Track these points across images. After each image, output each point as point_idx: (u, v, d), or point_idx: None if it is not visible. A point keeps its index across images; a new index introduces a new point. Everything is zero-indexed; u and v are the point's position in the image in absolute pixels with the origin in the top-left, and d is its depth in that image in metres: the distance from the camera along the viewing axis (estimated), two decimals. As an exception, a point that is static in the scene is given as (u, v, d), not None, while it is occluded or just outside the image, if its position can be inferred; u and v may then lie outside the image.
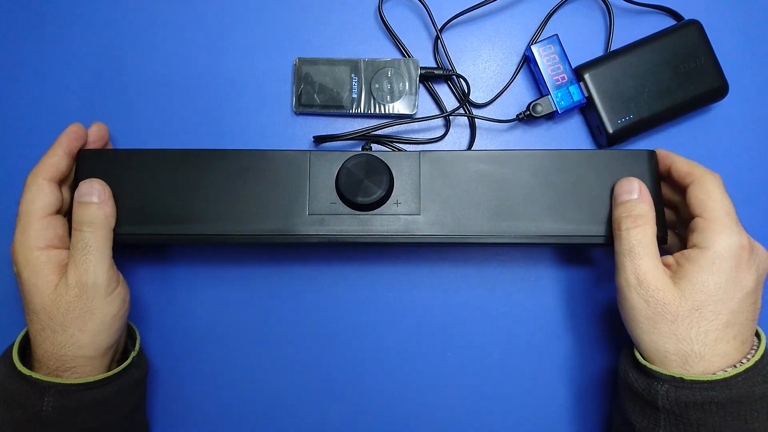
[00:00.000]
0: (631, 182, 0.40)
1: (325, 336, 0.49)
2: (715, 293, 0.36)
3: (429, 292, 0.49)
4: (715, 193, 0.39)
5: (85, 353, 0.39)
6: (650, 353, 0.38)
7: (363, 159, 0.41)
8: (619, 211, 0.40)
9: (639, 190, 0.40)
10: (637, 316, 0.38)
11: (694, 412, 0.36)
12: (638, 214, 0.39)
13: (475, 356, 0.48)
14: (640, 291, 0.38)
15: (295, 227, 0.41)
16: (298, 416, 0.48)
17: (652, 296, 0.37)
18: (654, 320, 0.37)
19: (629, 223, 0.39)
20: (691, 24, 0.48)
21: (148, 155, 0.43)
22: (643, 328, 0.38)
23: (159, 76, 0.51)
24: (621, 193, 0.40)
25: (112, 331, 0.40)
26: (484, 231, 0.41)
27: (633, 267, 0.38)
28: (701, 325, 0.36)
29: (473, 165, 0.42)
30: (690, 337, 0.36)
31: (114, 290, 0.40)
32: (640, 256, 0.38)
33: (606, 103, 0.48)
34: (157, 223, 0.42)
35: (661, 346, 0.37)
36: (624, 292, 0.38)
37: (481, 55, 0.52)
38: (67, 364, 0.39)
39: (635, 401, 0.39)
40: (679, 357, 0.37)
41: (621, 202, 0.40)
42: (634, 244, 0.38)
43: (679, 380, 0.36)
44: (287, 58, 0.51)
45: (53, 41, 0.52)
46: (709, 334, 0.36)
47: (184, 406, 0.48)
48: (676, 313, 0.37)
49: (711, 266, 0.37)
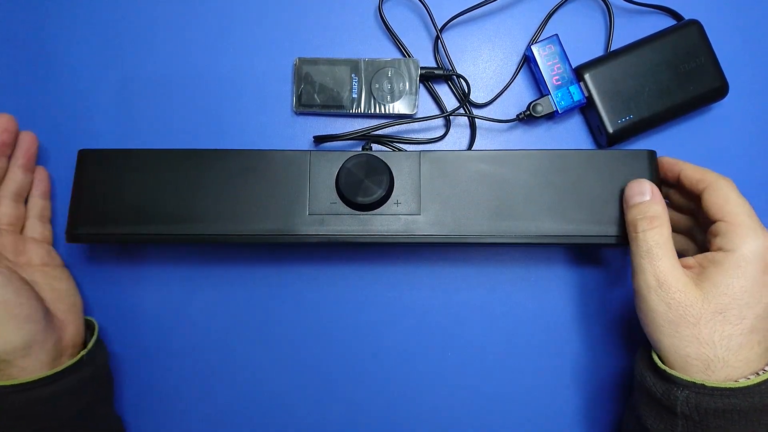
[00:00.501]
0: (642, 184, 0.40)
1: (325, 336, 0.49)
2: (740, 297, 0.35)
3: (429, 292, 0.49)
4: (733, 196, 0.38)
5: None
6: (670, 357, 0.37)
7: (363, 159, 0.41)
8: (633, 213, 0.39)
9: (651, 191, 0.39)
10: (658, 319, 0.37)
11: (714, 420, 0.35)
12: (653, 215, 0.38)
13: (475, 356, 0.48)
14: (661, 293, 0.36)
15: (296, 227, 0.41)
16: (297, 416, 0.48)
17: (673, 298, 0.36)
18: (675, 323, 0.36)
19: (645, 225, 0.38)
20: (691, 24, 0.48)
21: (148, 155, 0.43)
22: (664, 331, 0.37)
23: (159, 75, 0.51)
24: (633, 195, 0.40)
25: (19, 326, 0.38)
26: (484, 231, 0.41)
27: (652, 268, 0.37)
28: (725, 329, 0.35)
29: (473, 165, 0.42)
30: (713, 341, 0.35)
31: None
32: (659, 256, 0.37)
33: (606, 103, 0.48)
34: (157, 223, 0.42)
35: (682, 350, 0.36)
36: (643, 295, 0.37)
37: (481, 55, 0.52)
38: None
39: (651, 405, 0.38)
40: (700, 362, 0.36)
41: (634, 204, 0.40)
42: (651, 245, 0.37)
43: (700, 386, 0.35)
44: (287, 58, 0.51)
45: (53, 41, 0.52)
46: (733, 338, 0.35)
47: (184, 406, 0.48)
48: (699, 316, 0.36)
49: (737, 269, 0.36)
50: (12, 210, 0.45)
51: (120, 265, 0.49)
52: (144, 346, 0.48)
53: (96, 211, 0.42)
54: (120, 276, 0.49)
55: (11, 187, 0.45)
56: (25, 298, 0.40)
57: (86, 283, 0.48)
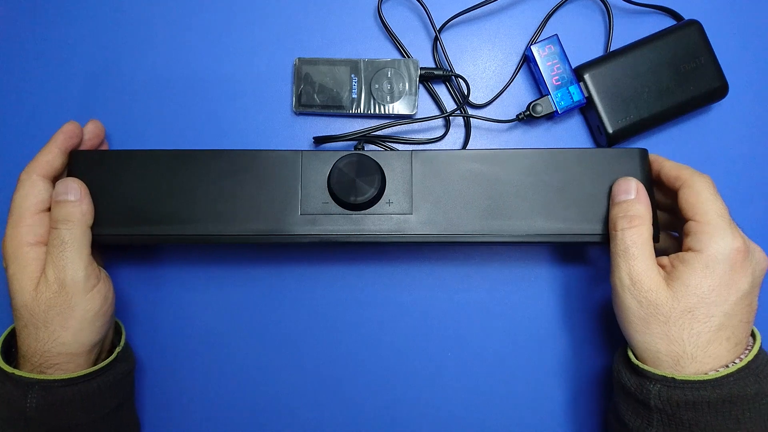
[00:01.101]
0: (629, 182, 0.40)
1: (325, 336, 0.49)
2: (708, 296, 0.36)
3: (428, 292, 0.49)
4: (705, 195, 0.38)
5: (68, 350, 0.39)
6: (642, 353, 0.38)
7: (355, 159, 0.41)
8: (615, 211, 0.40)
9: (636, 190, 0.40)
10: (630, 316, 0.38)
11: (686, 412, 0.36)
12: (634, 214, 0.39)
13: (474, 356, 0.48)
14: (634, 291, 0.38)
15: (288, 227, 0.41)
16: (295, 416, 0.48)
17: (645, 297, 0.37)
18: (646, 321, 0.37)
19: (625, 224, 0.39)
20: (691, 24, 0.48)
21: (140, 156, 0.43)
22: (636, 328, 0.38)
23: (158, 76, 0.51)
24: (618, 193, 0.40)
25: (95, 328, 0.40)
26: (475, 230, 0.41)
27: (627, 267, 0.38)
28: (693, 327, 0.36)
29: (465, 164, 0.42)
30: (682, 338, 0.36)
31: (94, 287, 0.40)
32: (635, 256, 0.38)
33: (606, 103, 0.48)
34: (149, 224, 0.42)
35: (653, 347, 0.37)
36: (618, 292, 0.39)
37: (481, 55, 0.52)
38: (51, 360, 0.39)
39: (628, 401, 0.39)
40: (670, 358, 0.37)
41: (618, 202, 0.40)
42: (629, 244, 0.38)
43: (670, 380, 0.36)
44: (287, 58, 0.51)
45: (52, 41, 0.52)
46: (701, 335, 0.36)
47: (179, 406, 0.48)
48: (669, 315, 0.37)
49: (704, 269, 0.37)
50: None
51: (114, 266, 0.49)
52: (136, 346, 0.48)
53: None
54: (114, 277, 0.48)
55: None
56: (110, 305, 0.42)
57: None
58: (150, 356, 0.49)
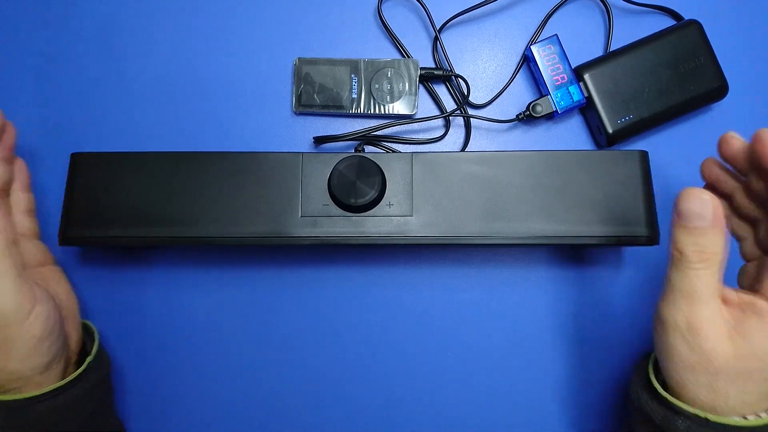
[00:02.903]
0: (703, 201, 0.32)
1: (325, 337, 0.49)
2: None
3: (428, 293, 0.49)
4: None
5: (20, 375, 0.36)
6: (675, 387, 0.34)
7: (355, 161, 0.41)
8: (685, 239, 0.32)
9: (713, 214, 0.32)
10: (674, 357, 0.33)
11: None
12: (712, 251, 0.32)
13: (475, 356, 0.48)
14: (688, 337, 0.32)
15: (288, 229, 0.41)
16: (297, 418, 0.48)
17: (699, 345, 0.32)
18: (692, 368, 0.32)
19: (697, 261, 0.32)
20: (691, 24, 0.48)
21: (141, 158, 0.43)
22: (677, 369, 0.33)
23: (158, 76, 0.51)
24: (690, 214, 0.32)
25: (43, 350, 0.37)
26: (476, 232, 0.41)
27: (689, 311, 0.32)
28: (746, 386, 0.32)
29: (465, 166, 0.42)
30: (727, 392, 0.32)
31: (30, 312, 0.36)
32: (702, 301, 0.32)
33: (606, 103, 0.48)
34: (149, 226, 0.42)
35: (691, 391, 0.33)
36: (667, 330, 0.33)
37: (481, 55, 0.52)
38: (8, 385, 0.37)
39: (647, 426, 0.36)
40: (707, 403, 0.32)
41: (690, 227, 0.32)
42: (698, 288, 0.32)
43: (703, 420, 0.32)
44: (287, 58, 0.51)
45: (52, 41, 0.52)
46: (751, 395, 0.32)
47: (178, 408, 0.48)
48: (721, 369, 0.32)
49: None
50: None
51: (113, 268, 0.49)
52: (138, 349, 0.48)
53: (88, 213, 0.42)
54: (113, 279, 0.49)
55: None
56: (54, 325, 0.38)
57: (79, 287, 0.47)
58: (150, 359, 0.49)
